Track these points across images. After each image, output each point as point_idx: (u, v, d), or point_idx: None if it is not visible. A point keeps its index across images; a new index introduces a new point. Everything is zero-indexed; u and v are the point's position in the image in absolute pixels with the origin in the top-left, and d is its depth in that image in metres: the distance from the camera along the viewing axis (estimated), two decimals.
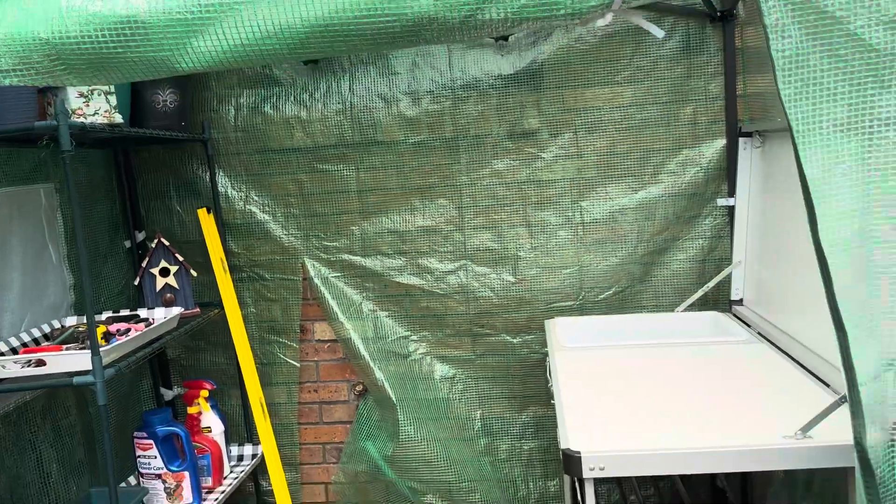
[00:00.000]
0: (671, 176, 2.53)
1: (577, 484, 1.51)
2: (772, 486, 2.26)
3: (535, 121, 2.54)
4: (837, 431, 1.34)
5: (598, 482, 2.81)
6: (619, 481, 2.68)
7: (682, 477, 2.50)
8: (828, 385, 1.65)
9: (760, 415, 1.53)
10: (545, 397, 2.54)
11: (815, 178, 1.04)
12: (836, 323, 1.06)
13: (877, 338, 1.10)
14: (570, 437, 1.46)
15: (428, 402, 2.72)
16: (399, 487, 2.68)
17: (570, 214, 2.60)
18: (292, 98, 2.64)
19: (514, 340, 2.68)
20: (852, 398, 1.07)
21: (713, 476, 2.39)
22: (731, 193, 2.47)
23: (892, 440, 1.12)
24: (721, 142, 2.48)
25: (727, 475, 2.53)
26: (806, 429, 1.37)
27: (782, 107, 1.04)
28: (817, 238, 1.05)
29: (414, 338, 2.73)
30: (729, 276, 2.50)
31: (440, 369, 2.73)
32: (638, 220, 2.57)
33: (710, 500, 2.46)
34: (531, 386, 2.69)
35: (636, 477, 2.59)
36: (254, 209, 2.71)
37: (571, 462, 1.39)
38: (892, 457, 1.11)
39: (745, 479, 2.41)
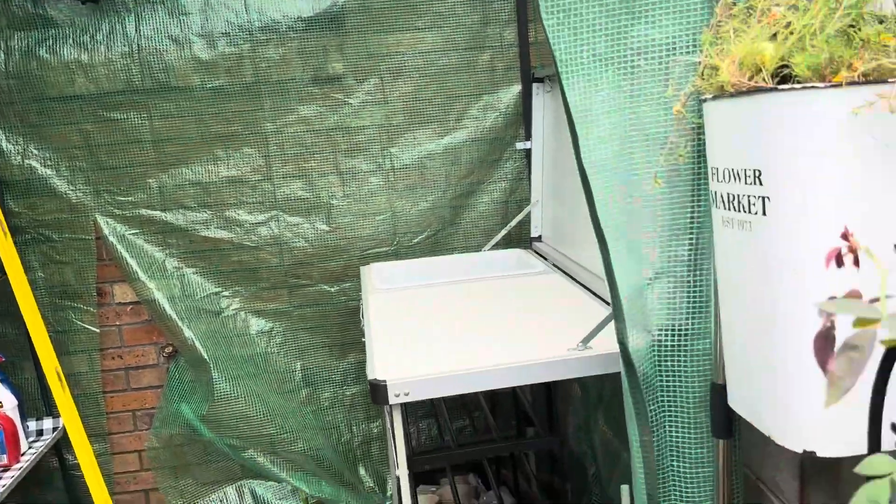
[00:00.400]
0: (474, 121, 2.62)
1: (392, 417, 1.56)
2: (572, 405, 2.46)
3: (339, 66, 2.52)
4: (613, 343, 1.48)
5: (419, 418, 2.92)
6: (436, 416, 2.80)
7: (492, 408, 2.65)
8: (609, 304, 1.82)
9: (552, 334, 1.65)
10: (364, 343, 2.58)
11: (577, 104, 1.12)
12: (599, 238, 1.16)
13: (637, 254, 1.22)
14: (376, 367, 1.50)
15: (244, 358, 2.66)
16: (218, 446, 2.62)
17: (380, 161, 2.61)
18: (71, 41, 2.41)
19: (332, 289, 2.68)
20: (615, 304, 1.19)
21: (519, 405, 2.56)
22: (528, 137, 2.60)
23: (654, 342, 1.26)
24: (517, 87, 2.59)
25: (534, 401, 2.72)
26: (586, 340, 1.50)
27: (546, 37, 1.11)
28: (580, 161, 1.14)
29: (226, 293, 2.65)
30: (528, 216, 2.65)
31: (256, 324, 2.68)
32: (445, 165, 2.64)
33: (516, 426, 2.63)
34: (351, 333, 2.71)
35: (450, 410, 2.72)
36: (34, 164, 2.47)
37: (378, 391, 1.43)
38: (654, 356, 1.25)
39: (549, 405, 2.60)
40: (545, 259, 2.45)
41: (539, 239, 2.65)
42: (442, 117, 2.60)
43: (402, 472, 1.55)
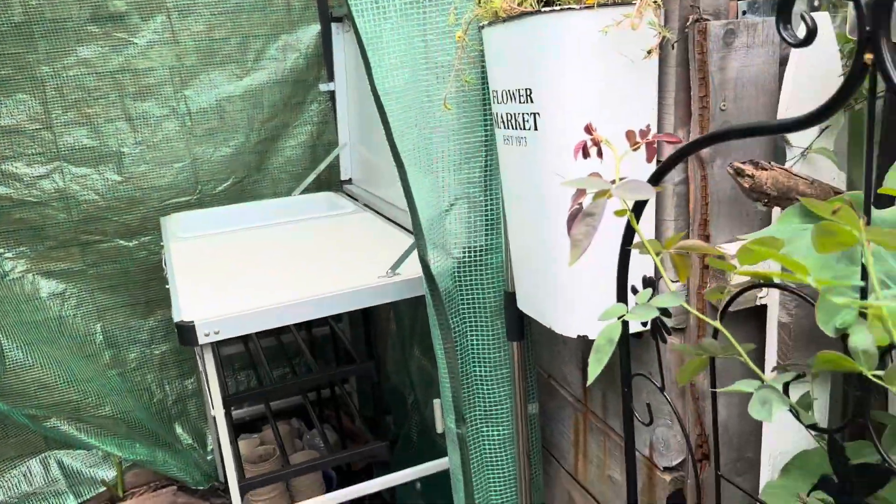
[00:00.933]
0: (273, 62, 2.57)
1: (204, 360, 1.54)
2: (390, 339, 2.55)
3: (120, 2, 2.35)
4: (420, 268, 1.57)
5: (237, 370, 2.88)
6: (254, 367, 2.78)
7: (312, 353, 2.68)
8: None
9: (364, 266, 1.70)
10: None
11: (367, 32, 1.16)
12: (398, 163, 1.22)
13: (434, 179, 1.29)
14: (182, 309, 1.47)
15: (37, 323, 2.47)
16: (14, 418, 2.43)
17: (174, 104, 2.49)
18: None
19: (130, 244, 2.54)
20: (415, 226, 1.26)
21: (339, 346, 2.61)
22: (331, 78, 2.60)
23: (454, 260, 1.35)
24: (316, 27, 2.57)
25: (354, 341, 2.79)
26: (394, 267, 1.57)
27: None
28: (374, 88, 1.18)
29: (9, 255, 2.42)
30: (337, 159, 2.67)
31: (47, 286, 2.49)
32: (246, 108, 2.57)
33: (337, 366, 2.69)
34: (155, 289, 2.59)
35: (269, 360, 2.71)
36: None
37: (186, 332, 1.41)
38: (454, 273, 1.34)
39: (368, 342, 2.68)
40: (356, 201, 2.49)
41: (350, 182, 2.68)
42: (239, 58, 2.52)
43: (219, 412, 1.55)
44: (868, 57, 0.47)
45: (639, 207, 0.65)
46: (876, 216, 0.61)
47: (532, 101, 1.01)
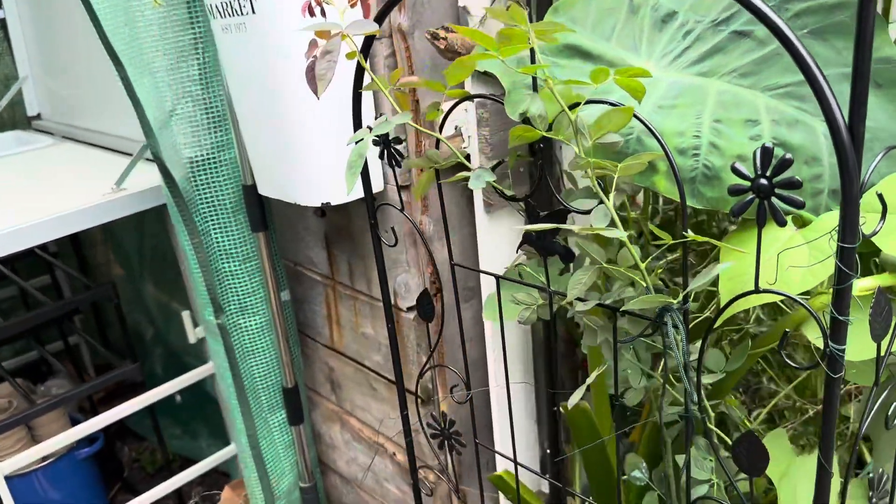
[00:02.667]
0: None
1: None
2: (116, 276, 2.45)
3: None
4: (147, 182, 1.56)
5: None
6: None
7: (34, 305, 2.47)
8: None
9: (84, 190, 1.62)
10: None
11: None
12: (114, 59, 1.21)
13: (155, 78, 1.30)
14: None
15: None
16: None
17: None
18: None
19: None
20: (143, 123, 1.27)
21: (57, 285, 2.44)
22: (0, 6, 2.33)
23: (185, 159, 1.37)
24: None
25: (73, 286, 2.61)
26: (119, 182, 1.54)
27: None
28: None
29: None
30: (20, 94, 2.42)
31: None
32: None
33: None
34: None
35: None
36: None
37: None
38: (188, 173, 1.37)
39: (84, 270, 2.53)
40: (53, 135, 2.30)
41: (39, 117, 2.45)
42: None
43: None
44: None
45: (367, 47, 0.78)
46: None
47: None
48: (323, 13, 0.84)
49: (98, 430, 1.66)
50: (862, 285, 0.62)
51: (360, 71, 0.78)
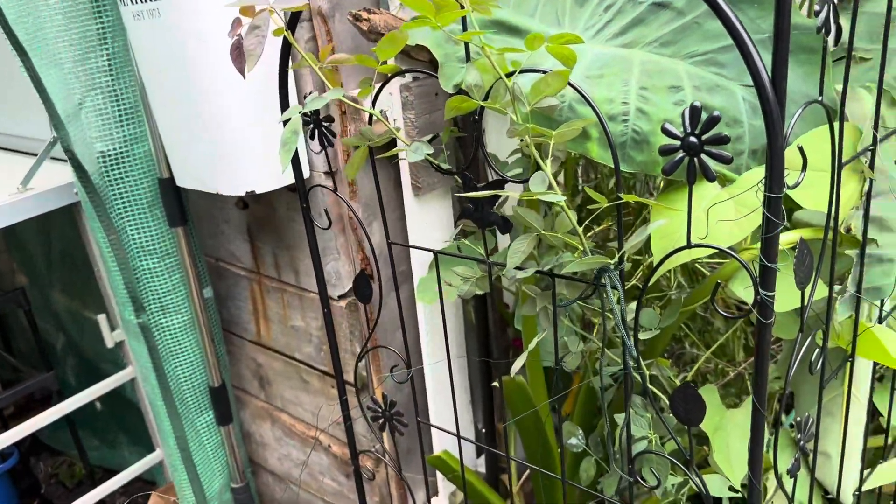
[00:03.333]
0: None
1: None
2: (21, 286, 2.32)
3: None
4: (55, 180, 1.49)
5: None
6: None
7: None
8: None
9: None
10: None
11: None
12: (17, 48, 1.15)
13: (62, 69, 1.24)
14: None
15: None
16: None
17: None
18: None
19: None
20: (52, 115, 1.21)
21: None
22: None
23: (98, 154, 1.31)
24: None
25: None
26: (25, 181, 1.46)
27: None
28: None
29: None
30: None
31: None
32: None
33: None
34: None
35: None
36: None
37: None
38: (102, 167, 1.32)
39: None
40: None
41: None
42: None
43: None
44: None
45: (293, 22, 0.77)
46: None
47: None
48: None
49: (10, 445, 1.57)
50: (784, 239, 0.66)
51: (286, 48, 0.77)
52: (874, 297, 0.74)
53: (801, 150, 0.55)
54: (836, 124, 0.64)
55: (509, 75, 0.61)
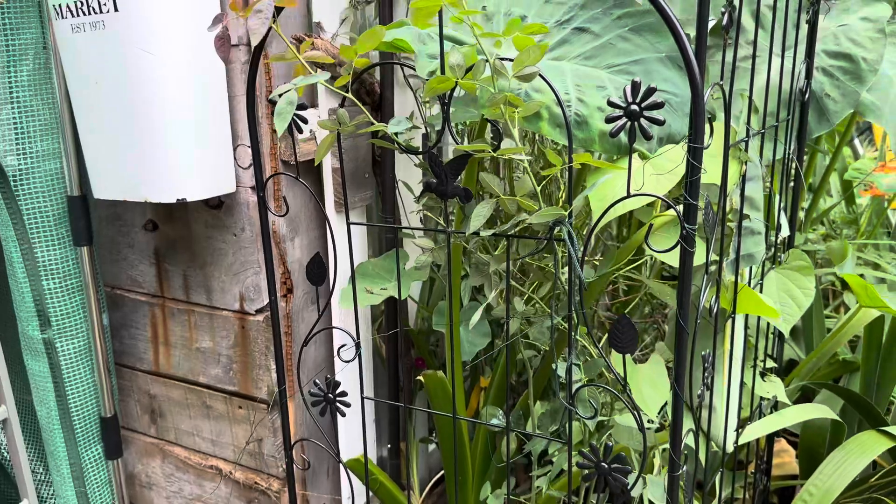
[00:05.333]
0: None
1: None
2: None
3: None
4: None
5: None
6: None
7: None
8: None
9: None
10: None
11: None
12: None
13: None
14: None
15: None
16: None
17: None
18: None
19: None
20: None
21: None
22: None
23: (11, 172, 1.29)
24: None
25: None
26: None
27: None
28: None
29: None
30: None
31: None
32: None
33: None
34: None
35: None
36: None
37: None
38: (14, 182, 1.29)
39: None
40: None
41: None
42: None
43: None
44: None
45: (277, 11, 0.87)
46: None
47: None
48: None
49: None
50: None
51: (259, 46, 0.87)
52: (748, 262, 0.94)
53: (710, 120, 0.74)
54: (723, 117, 0.85)
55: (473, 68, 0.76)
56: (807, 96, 1.19)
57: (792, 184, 1.30)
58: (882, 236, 2.17)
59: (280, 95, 0.82)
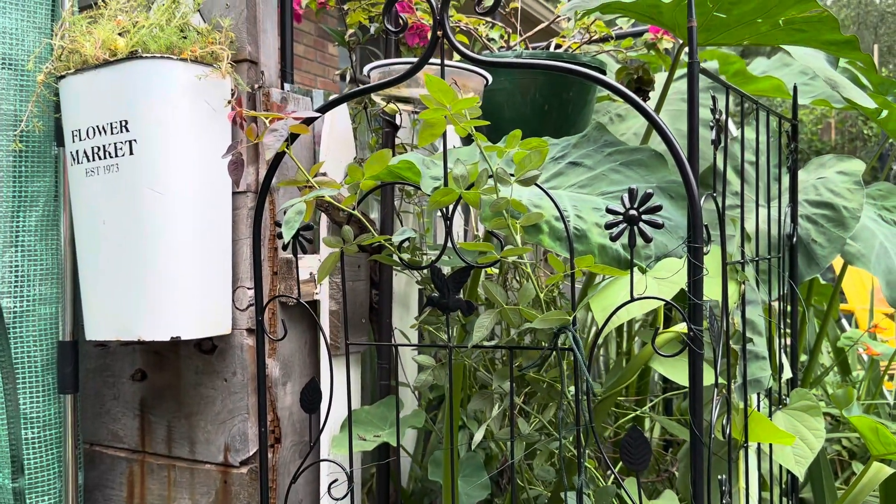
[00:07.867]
0: None
1: None
2: None
3: None
4: None
5: None
6: None
7: None
8: None
9: None
10: None
11: None
12: None
13: None
14: None
15: None
16: None
17: None
18: None
19: None
20: None
21: None
22: None
23: (8, 314, 1.29)
24: None
25: None
26: None
27: None
28: None
29: None
30: None
31: None
32: None
33: None
34: None
35: None
36: None
37: None
38: (8, 324, 1.28)
39: None
40: None
41: None
42: None
43: None
44: None
45: (293, 139, 0.92)
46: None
47: (128, 131, 1.17)
48: (242, 126, 0.98)
49: None
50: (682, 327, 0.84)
51: (275, 162, 0.92)
52: (756, 388, 0.92)
53: (706, 228, 0.76)
54: (719, 229, 0.87)
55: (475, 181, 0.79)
56: (794, 240, 1.24)
57: (789, 324, 1.31)
58: (884, 406, 2.14)
59: (291, 206, 0.84)
